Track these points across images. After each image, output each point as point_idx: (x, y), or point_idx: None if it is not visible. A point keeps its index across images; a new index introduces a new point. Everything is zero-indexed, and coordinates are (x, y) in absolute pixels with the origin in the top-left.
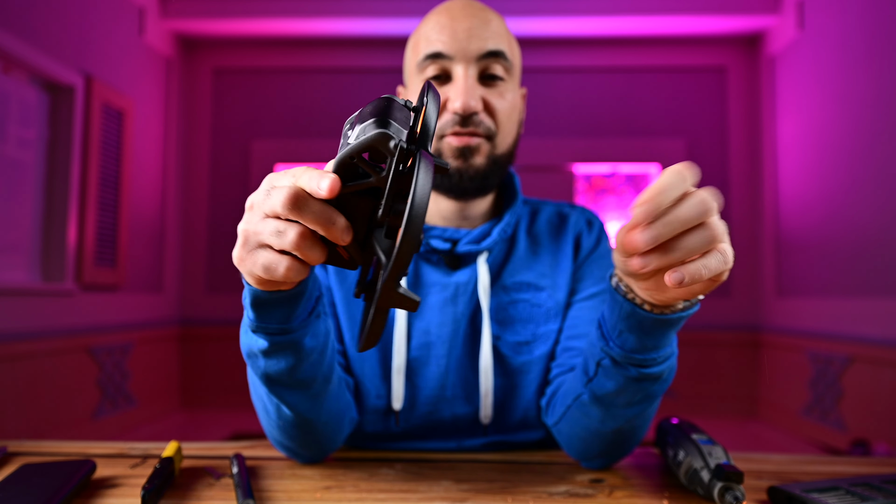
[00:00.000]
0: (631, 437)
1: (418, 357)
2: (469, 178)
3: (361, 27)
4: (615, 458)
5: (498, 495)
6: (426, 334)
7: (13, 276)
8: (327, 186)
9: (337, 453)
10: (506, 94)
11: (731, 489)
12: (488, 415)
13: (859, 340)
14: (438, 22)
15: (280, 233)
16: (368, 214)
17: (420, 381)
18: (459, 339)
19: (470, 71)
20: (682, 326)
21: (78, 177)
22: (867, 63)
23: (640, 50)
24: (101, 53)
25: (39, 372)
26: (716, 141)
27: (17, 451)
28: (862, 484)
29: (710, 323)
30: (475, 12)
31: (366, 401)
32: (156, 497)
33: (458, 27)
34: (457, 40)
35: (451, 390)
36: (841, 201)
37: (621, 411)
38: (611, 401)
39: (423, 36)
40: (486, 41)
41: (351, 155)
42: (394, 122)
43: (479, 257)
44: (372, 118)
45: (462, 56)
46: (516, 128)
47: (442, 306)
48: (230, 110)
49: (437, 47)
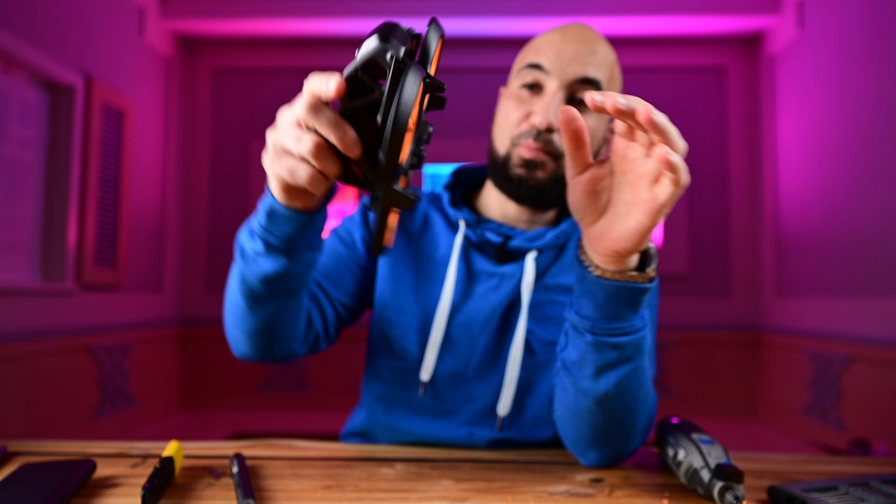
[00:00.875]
0: (616, 421)
1: (452, 335)
2: (527, 188)
3: (361, 27)
4: (609, 450)
5: (498, 495)
6: (466, 315)
7: (13, 276)
8: (334, 86)
9: (337, 453)
10: (588, 121)
11: (732, 489)
12: (506, 406)
13: (859, 340)
14: (551, 39)
15: (299, 139)
16: (376, 133)
17: (447, 355)
18: (492, 326)
19: (560, 91)
20: (638, 306)
21: (78, 177)
22: (867, 63)
23: (640, 50)
24: (101, 53)
25: (39, 372)
26: (716, 141)
27: (17, 451)
28: (862, 484)
29: (710, 323)
30: (586, 39)
31: (397, 363)
32: (156, 497)
33: (565, 48)
34: (560, 59)
35: (473, 371)
36: (841, 201)
37: (589, 383)
38: (577, 372)
39: (535, 46)
40: (586, 67)
41: (355, 69)
42: (394, 39)
43: (529, 255)
44: (373, 34)
45: (559, 75)
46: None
47: (485, 293)
48: (230, 110)
49: (539, 60)
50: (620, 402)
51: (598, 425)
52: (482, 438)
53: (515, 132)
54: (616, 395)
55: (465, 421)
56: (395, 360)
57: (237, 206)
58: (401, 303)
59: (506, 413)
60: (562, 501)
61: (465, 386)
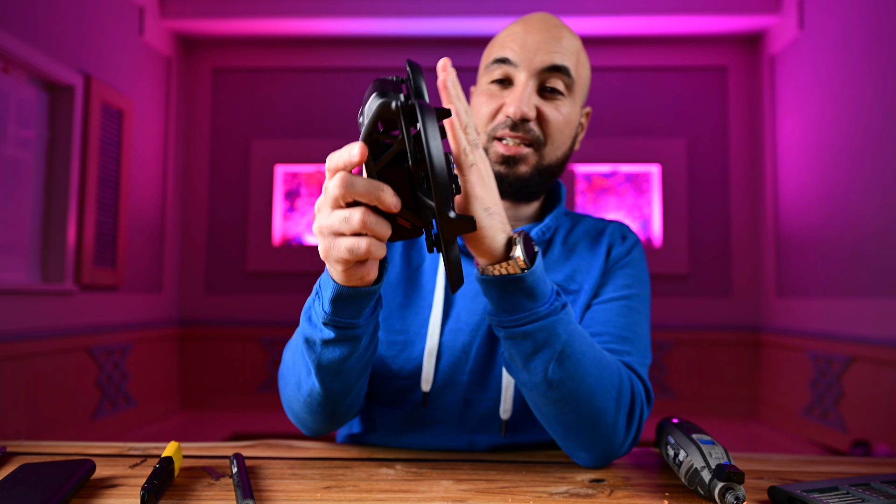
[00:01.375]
0: (574, 416)
1: (445, 343)
2: (509, 184)
3: (361, 27)
4: (592, 450)
5: (498, 495)
6: (457, 321)
7: (13, 276)
8: (357, 152)
9: (337, 453)
10: (562, 108)
11: (732, 489)
12: (508, 409)
13: (859, 340)
14: (514, 31)
15: (346, 218)
16: (408, 179)
17: (441, 363)
18: (484, 329)
19: (530, 81)
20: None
21: (77, 177)
22: (867, 63)
23: (640, 50)
24: (100, 53)
25: (39, 372)
26: (716, 141)
27: (16, 451)
28: (862, 484)
29: (711, 323)
30: (549, 28)
31: (387, 382)
32: (155, 497)
33: (529, 39)
34: (525, 50)
35: (469, 376)
36: (841, 201)
37: (524, 377)
38: (512, 368)
39: (499, 41)
40: (553, 55)
41: (368, 132)
42: (390, 91)
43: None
44: (370, 95)
45: (526, 66)
46: (569, 142)
47: (473, 296)
48: (230, 110)
49: (506, 53)
50: (564, 389)
51: (557, 417)
52: (483, 445)
53: (490, 126)
54: (558, 383)
55: (466, 428)
56: (392, 379)
57: (237, 206)
58: (392, 322)
59: (508, 416)
60: (562, 502)
61: (463, 393)
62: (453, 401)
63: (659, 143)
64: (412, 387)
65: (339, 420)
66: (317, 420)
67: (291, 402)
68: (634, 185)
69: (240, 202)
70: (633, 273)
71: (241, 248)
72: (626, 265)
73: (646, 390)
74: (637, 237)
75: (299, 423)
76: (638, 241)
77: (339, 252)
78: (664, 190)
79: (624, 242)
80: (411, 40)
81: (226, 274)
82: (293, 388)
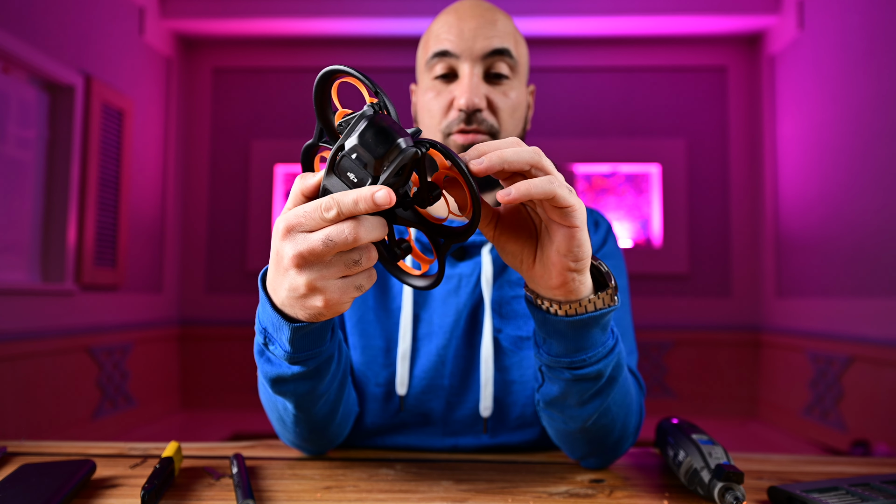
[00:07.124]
0: (607, 433)
1: (420, 346)
2: None
3: (361, 27)
4: (607, 456)
5: (498, 495)
6: (429, 324)
7: (13, 276)
8: (384, 197)
9: (337, 453)
10: (510, 93)
11: (732, 489)
12: (488, 406)
13: (859, 340)
14: (447, 21)
15: (356, 261)
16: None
17: (417, 368)
18: (459, 331)
19: (475, 69)
20: (607, 325)
21: (78, 177)
22: (867, 63)
23: (641, 50)
24: (100, 53)
25: (39, 372)
26: (716, 141)
27: (16, 451)
28: (862, 484)
29: (710, 323)
30: (482, 12)
31: (365, 388)
32: (155, 497)
33: (464, 26)
34: (463, 39)
35: (449, 379)
36: (841, 201)
37: (576, 411)
38: (561, 403)
39: (433, 35)
40: (492, 40)
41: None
42: (396, 133)
43: (484, 248)
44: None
45: (468, 55)
46: (521, 125)
47: (445, 297)
48: (230, 110)
49: (444, 46)
50: (609, 415)
51: (591, 441)
52: (466, 448)
53: (444, 123)
54: (604, 412)
55: (449, 431)
56: (370, 385)
57: (237, 206)
58: (366, 326)
59: (489, 414)
60: (562, 502)
61: (443, 395)
62: (437, 406)
63: (659, 144)
64: (390, 392)
65: (339, 433)
66: (316, 442)
67: (284, 437)
68: (634, 185)
69: (240, 202)
70: (612, 264)
71: (241, 248)
72: (605, 256)
73: (639, 385)
74: (609, 222)
75: (302, 450)
76: (610, 227)
77: (352, 292)
78: (664, 190)
79: (597, 230)
80: (411, 40)
81: (226, 274)
82: (280, 425)
